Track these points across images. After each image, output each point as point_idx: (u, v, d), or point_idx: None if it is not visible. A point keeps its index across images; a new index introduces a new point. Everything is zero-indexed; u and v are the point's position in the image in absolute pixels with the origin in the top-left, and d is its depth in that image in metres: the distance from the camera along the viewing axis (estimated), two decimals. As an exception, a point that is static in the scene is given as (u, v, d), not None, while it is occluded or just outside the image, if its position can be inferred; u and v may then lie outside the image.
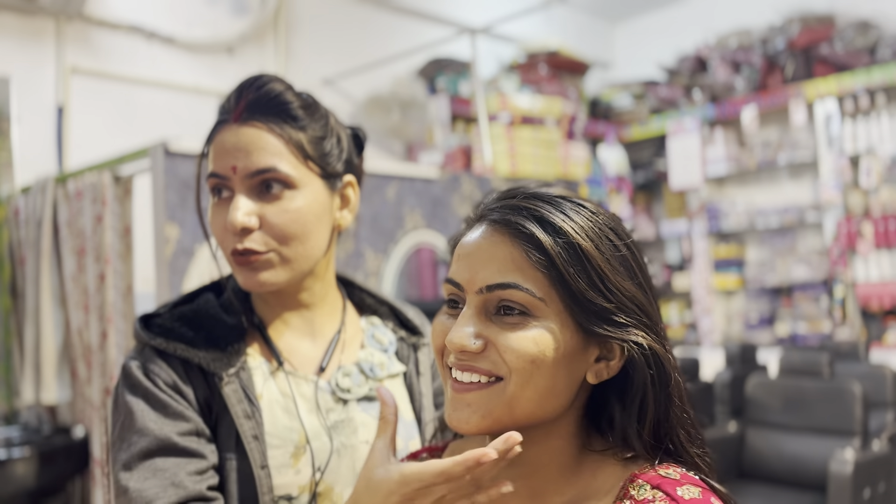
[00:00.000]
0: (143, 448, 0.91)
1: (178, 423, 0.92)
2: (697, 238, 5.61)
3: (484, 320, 0.73)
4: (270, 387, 1.00)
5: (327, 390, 1.03)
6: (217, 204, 1.00)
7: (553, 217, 0.72)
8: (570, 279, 0.70)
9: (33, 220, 2.74)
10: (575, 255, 0.71)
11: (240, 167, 0.97)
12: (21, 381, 2.80)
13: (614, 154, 5.61)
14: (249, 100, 0.99)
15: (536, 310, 0.71)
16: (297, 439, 0.98)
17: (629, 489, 0.71)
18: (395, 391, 1.09)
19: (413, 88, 4.79)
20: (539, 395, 0.72)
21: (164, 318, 1.01)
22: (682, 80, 5.75)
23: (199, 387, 0.96)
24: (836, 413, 3.52)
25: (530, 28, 5.77)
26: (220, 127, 1.00)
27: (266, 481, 0.94)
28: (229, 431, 0.95)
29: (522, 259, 0.71)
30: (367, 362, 1.07)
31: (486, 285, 0.72)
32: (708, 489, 0.71)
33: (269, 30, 4.45)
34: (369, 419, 1.04)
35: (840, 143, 4.87)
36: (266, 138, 0.97)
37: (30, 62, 3.56)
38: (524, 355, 0.70)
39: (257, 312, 1.06)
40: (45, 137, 3.58)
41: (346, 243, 2.72)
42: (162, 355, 0.97)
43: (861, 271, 4.81)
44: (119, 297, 2.45)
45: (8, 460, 2.55)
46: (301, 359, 1.05)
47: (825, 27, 5.06)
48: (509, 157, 3.58)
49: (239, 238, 0.97)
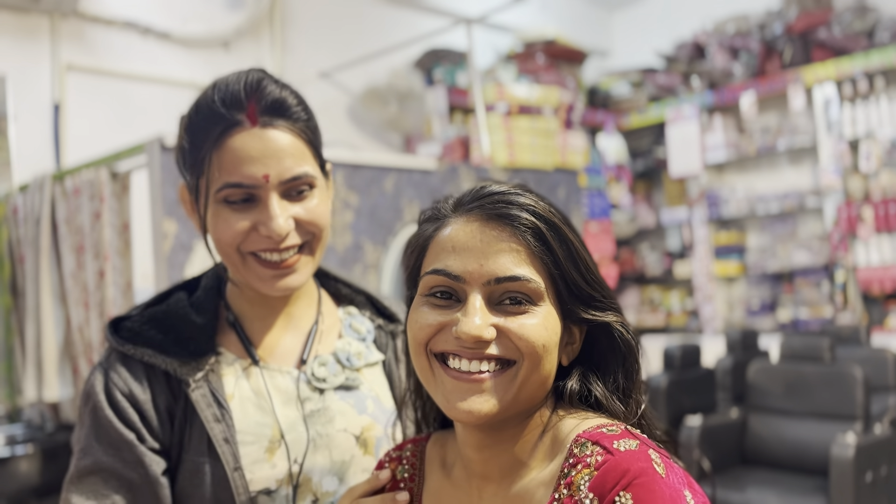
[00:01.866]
0: (87, 466, 0.93)
1: (121, 452, 0.94)
2: (698, 225, 5.60)
3: (491, 310, 0.76)
4: (242, 385, 1.00)
5: (303, 380, 1.03)
6: (233, 210, 0.96)
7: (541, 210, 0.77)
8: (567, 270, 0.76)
9: (32, 218, 2.74)
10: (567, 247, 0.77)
11: (273, 174, 0.95)
12: (23, 379, 2.81)
13: (613, 142, 5.60)
14: (264, 103, 0.96)
15: (539, 298, 0.76)
16: (271, 434, 0.98)
17: (573, 448, 0.75)
18: (375, 380, 1.09)
19: (410, 80, 4.78)
20: (543, 378, 0.77)
21: (133, 320, 1.01)
22: (680, 67, 5.74)
23: (160, 393, 0.96)
24: (837, 398, 3.52)
25: (527, 17, 5.75)
26: (232, 130, 0.95)
27: (241, 482, 0.94)
28: (201, 436, 0.95)
29: (525, 251, 0.75)
30: (344, 352, 1.07)
31: (496, 277, 0.75)
32: (646, 443, 0.73)
33: (265, 24, 4.44)
34: (346, 407, 1.04)
35: (839, 127, 4.86)
36: (293, 142, 0.97)
37: (26, 60, 3.55)
38: (537, 340, 0.75)
39: (233, 309, 1.05)
40: (42, 135, 3.58)
41: (345, 235, 2.72)
42: (126, 361, 0.97)
43: (862, 256, 4.80)
44: (119, 294, 2.45)
45: (11, 458, 2.56)
46: (279, 352, 1.05)
47: (823, 11, 5.04)
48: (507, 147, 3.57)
49: (275, 242, 0.96)
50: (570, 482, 0.72)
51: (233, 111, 0.95)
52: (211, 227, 0.98)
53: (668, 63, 5.87)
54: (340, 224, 2.70)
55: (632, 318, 6.07)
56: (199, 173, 0.97)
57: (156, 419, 0.95)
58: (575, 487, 0.72)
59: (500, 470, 0.80)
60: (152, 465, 0.94)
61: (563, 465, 0.75)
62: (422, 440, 0.93)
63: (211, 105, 0.96)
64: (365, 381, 1.08)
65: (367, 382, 1.08)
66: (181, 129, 1.00)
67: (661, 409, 3.95)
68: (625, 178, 5.57)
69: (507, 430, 0.80)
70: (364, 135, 4.85)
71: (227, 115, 0.95)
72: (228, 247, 0.97)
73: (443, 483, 0.87)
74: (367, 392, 1.07)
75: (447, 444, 0.89)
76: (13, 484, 2.56)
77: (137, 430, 0.94)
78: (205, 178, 0.97)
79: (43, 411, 2.89)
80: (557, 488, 0.74)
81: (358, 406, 1.05)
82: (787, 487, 3.39)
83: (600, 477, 0.70)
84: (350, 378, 1.05)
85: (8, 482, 2.56)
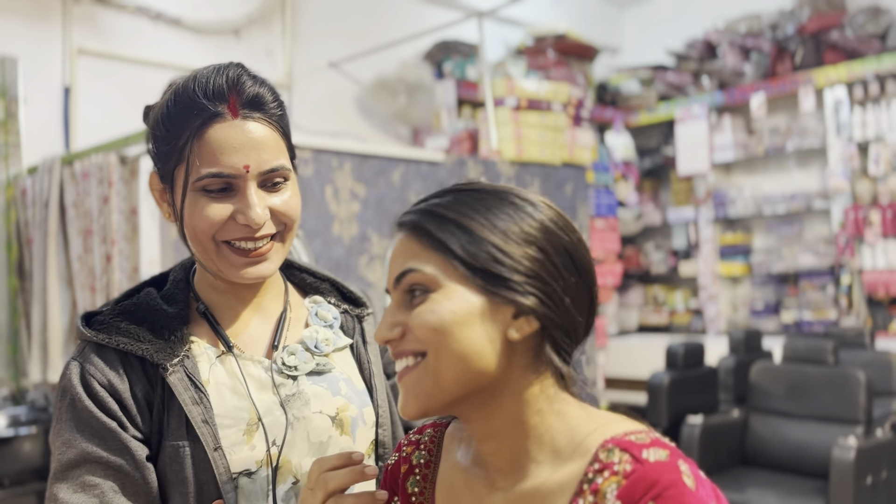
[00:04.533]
0: (71, 459, 0.94)
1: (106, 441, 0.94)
2: (704, 225, 5.60)
3: (403, 310, 0.80)
4: (217, 371, 1.02)
5: (274, 369, 1.05)
6: (211, 199, 0.98)
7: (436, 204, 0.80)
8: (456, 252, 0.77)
9: (40, 201, 2.75)
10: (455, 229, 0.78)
11: (253, 165, 0.98)
12: (28, 361, 2.82)
13: (621, 140, 5.59)
14: (245, 95, 0.99)
15: (434, 284, 0.77)
16: (248, 417, 1.00)
17: (599, 453, 0.75)
18: (344, 362, 1.12)
19: (420, 72, 4.78)
20: (457, 359, 0.76)
21: (105, 314, 1.02)
22: (690, 66, 5.72)
23: (137, 382, 0.97)
24: (840, 400, 3.52)
25: (538, 12, 5.74)
26: (214, 122, 0.97)
27: (221, 462, 0.95)
28: (179, 420, 0.96)
29: (418, 247, 0.79)
30: (312, 339, 1.09)
31: (395, 277, 0.80)
32: (677, 452, 0.73)
33: (276, 12, 4.44)
34: (320, 390, 1.06)
35: (849, 130, 4.84)
36: (272, 135, 1.00)
37: (37, 43, 3.56)
38: (427, 325, 0.77)
39: (203, 300, 1.07)
40: (52, 118, 3.59)
41: (351, 226, 2.72)
42: (101, 352, 0.98)
43: (868, 259, 4.79)
44: (125, 278, 2.46)
45: (15, 438, 2.58)
46: (250, 340, 1.07)
47: (836, 13, 5.02)
48: (515, 141, 3.57)
49: (251, 231, 0.99)
50: (597, 489, 0.73)
51: (214, 103, 0.98)
52: (187, 214, 1.00)
53: (679, 61, 5.85)
54: (347, 214, 2.71)
55: (635, 316, 6.07)
56: (178, 162, 0.99)
57: (135, 408, 0.97)
58: (601, 495, 0.72)
59: (507, 462, 0.81)
60: (138, 451, 0.95)
61: (588, 469, 0.74)
62: (442, 426, 0.94)
63: (192, 96, 0.98)
64: (335, 366, 1.10)
65: (337, 366, 1.10)
66: (156, 119, 1.02)
67: (662, 408, 3.96)
68: (632, 176, 5.56)
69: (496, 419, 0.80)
70: (372, 126, 4.86)
71: (209, 107, 0.97)
72: (204, 234, 0.99)
73: (457, 471, 0.87)
74: (338, 375, 1.09)
75: (463, 432, 0.90)
76: (17, 464, 2.58)
77: (119, 419, 0.95)
78: (183, 166, 0.99)
79: (47, 393, 2.90)
80: (581, 493, 0.74)
81: (332, 388, 1.07)
82: (786, 489, 3.39)
83: (629, 486, 0.70)
84: (321, 363, 1.08)
85: (12, 462, 2.57)
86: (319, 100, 4.58)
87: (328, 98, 4.60)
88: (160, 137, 1.01)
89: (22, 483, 2.57)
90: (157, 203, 1.06)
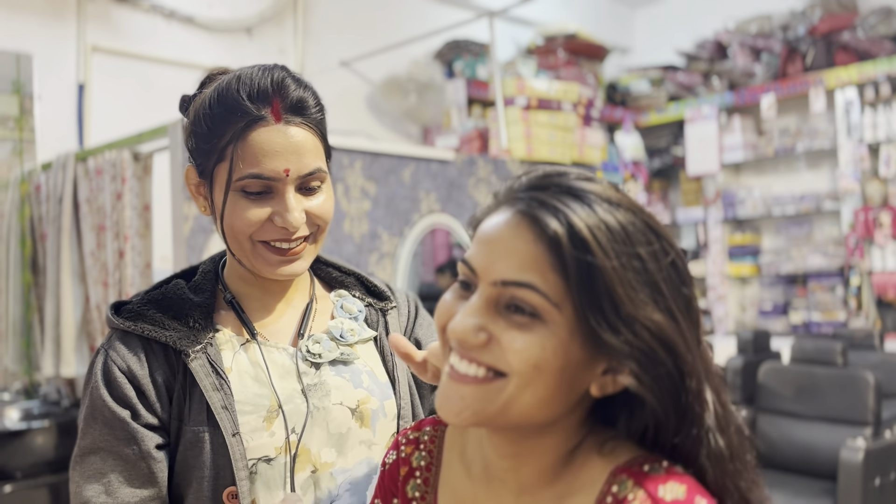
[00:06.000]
0: (86, 445, 0.98)
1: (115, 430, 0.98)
2: (713, 225, 5.59)
3: (492, 313, 0.69)
4: (240, 359, 1.04)
5: (299, 357, 1.07)
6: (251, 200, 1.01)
7: (581, 221, 0.66)
8: (584, 296, 0.66)
9: (54, 197, 2.77)
10: (591, 275, 0.66)
11: (293, 169, 1.00)
12: (41, 355, 2.85)
13: (631, 139, 5.59)
14: (290, 99, 1.01)
15: (548, 314, 0.67)
16: (269, 404, 1.02)
17: (611, 484, 0.69)
18: (368, 354, 1.14)
19: (430, 71, 4.79)
20: (537, 401, 0.68)
21: (134, 303, 1.06)
22: (700, 67, 5.71)
23: (158, 368, 1.00)
24: (848, 402, 3.51)
25: (549, 11, 5.74)
26: (257, 125, 0.99)
27: (238, 448, 0.97)
28: (200, 406, 0.99)
29: (543, 259, 0.66)
30: (337, 328, 1.11)
31: (502, 280, 0.68)
32: (695, 486, 0.67)
33: (288, 10, 4.46)
34: (342, 381, 1.07)
35: (860, 131, 4.83)
36: (312, 139, 1.03)
37: (52, 40, 3.59)
38: (528, 359, 0.67)
39: (231, 290, 1.10)
40: (66, 115, 3.62)
41: (362, 224, 2.74)
42: (125, 339, 1.02)
43: (878, 260, 4.78)
44: (137, 274, 2.49)
45: (28, 431, 2.61)
46: (276, 329, 1.09)
47: (848, 14, 5.00)
48: (525, 140, 3.58)
49: (288, 233, 1.02)
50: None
51: (258, 106, 0.99)
52: (227, 213, 1.02)
53: (689, 62, 5.84)
54: (357, 212, 2.72)
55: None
56: (219, 160, 1.02)
57: (153, 393, 0.99)
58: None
59: (520, 483, 0.76)
60: (145, 441, 0.97)
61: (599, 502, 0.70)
62: (442, 423, 0.89)
63: (236, 97, 1.00)
64: (359, 357, 1.12)
65: (361, 357, 1.12)
66: (197, 115, 1.04)
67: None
68: (641, 176, 5.56)
69: (529, 441, 0.74)
70: (383, 125, 4.87)
71: (253, 110, 0.99)
72: (242, 234, 1.02)
73: (461, 478, 0.83)
74: (361, 367, 1.11)
75: (468, 434, 0.85)
76: (29, 457, 2.60)
77: (132, 407, 0.98)
78: (225, 165, 1.01)
79: (59, 387, 2.93)
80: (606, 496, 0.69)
81: (354, 380, 1.08)
82: (794, 490, 3.39)
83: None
84: (345, 353, 1.10)
85: (24, 456, 2.60)
86: (330, 98, 4.54)
87: (339, 97, 4.62)
88: (201, 134, 1.03)
89: (34, 476, 2.60)
90: (193, 196, 1.08)
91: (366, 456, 1.07)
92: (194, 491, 0.98)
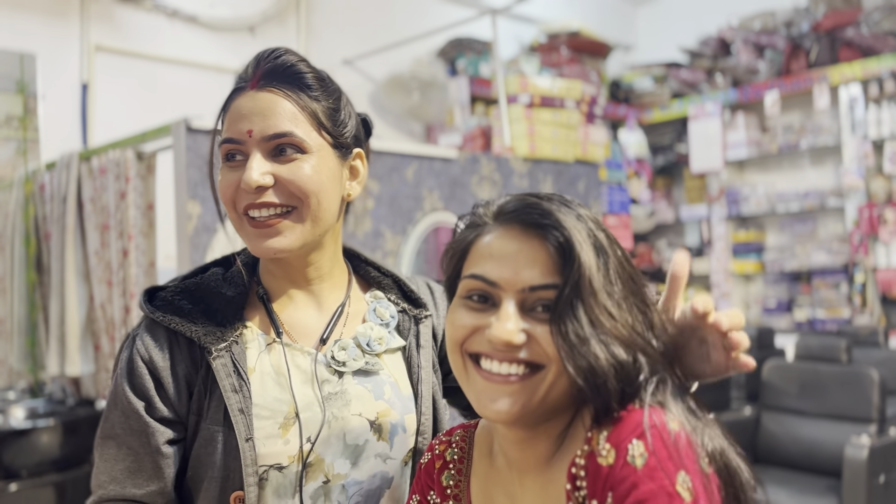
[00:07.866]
0: (105, 430, 1.00)
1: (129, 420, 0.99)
2: (717, 222, 5.58)
3: (522, 315, 0.79)
4: (264, 360, 1.02)
5: (323, 362, 1.05)
6: (228, 167, 1.01)
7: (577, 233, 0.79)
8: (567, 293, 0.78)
9: (58, 196, 2.78)
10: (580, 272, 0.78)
11: (256, 130, 0.98)
12: (46, 354, 2.86)
13: (634, 137, 5.58)
14: (266, 68, 1.01)
15: None
16: (287, 410, 1.00)
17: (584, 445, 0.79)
18: (394, 365, 1.10)
19: (433, 69, 4.79)
20: (569, 384, 0.79)
21: (168, 290, 1.05)
22: (704, 63, 5.70)
23: (180, 361, 1.00)
24: (852, 399, 3.51)
25: (552, 9, 5.73)
26: (236, 94, 1.02)
27: (250, 453, 0.96)
28: (219, 405, 0.98)
29: (554, 261, 0.79)
30: (365, 336, 1.08)
31: (531, 286, 0.78)
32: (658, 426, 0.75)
33: (291, 9, 4.46)
34: (363, 392, 1.05)
35: (864, 128, 4.82)
36: (283, 104, 1.00)
37: (55, 40, 3.60)
38: None
39: (264, 285, 1.08)
40: (69, 114, 3.62)
41: (365, 223, 2.74)
42: (152, 328, 1.02)
43: (882, 257, 4.77)
44: (141, 273, 2.49)
45: (33, 430, 2.61)
46: (303, 331, 1.07)
47: (851, 10, 4.99)
48: (528, 138, 3.57)
49: (254, 197, 0.98)
50: (591, 438, 0.77)
51: (244, 79, 1.03)
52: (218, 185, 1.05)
53: (692, 59, 5.83)
54: (361, 210, 2.72)
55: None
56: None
57: (172, 387, 0.99)
58: (595, 442, 0.77)
59: (535, 462, 0.85)
60: (155, 435, 0.97)
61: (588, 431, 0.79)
62: (471, 426, 0.97)
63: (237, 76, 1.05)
64: (384, 367, 1.09)
65: (386, 368, 1.09)
66: None
67: (674, 405, 3.95)
68: (645, 173, 5.55)
69: (541, 425, 0.83)
70: (386, 123, 4.87)
71: (239, 83, 1.03)
72: (226, 204, 1.02)
73: (489, 469, 0.91)
74: (385, 378, 1.08)
75: (493, 433, 0.93)
76: (34, 456, 2.61)
77: (149, 399, 0.98)
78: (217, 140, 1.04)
79: (65, 386, 2.94)
80: (583, 445, 0.79)
81: (375, 391, 1.06)
82: (799, 487, 3.38)
83: (616, 430, 0.75)
84: (370, 362, 1.07)
85: (29, 454, 2.61)
86: (333, 96, 4.59)
87: (342, 95, 4.61)
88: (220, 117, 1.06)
89: (39, 475, 2.61)
90: None
91: (380, 469, 1.04)
92: (204, 489, 0.98)
